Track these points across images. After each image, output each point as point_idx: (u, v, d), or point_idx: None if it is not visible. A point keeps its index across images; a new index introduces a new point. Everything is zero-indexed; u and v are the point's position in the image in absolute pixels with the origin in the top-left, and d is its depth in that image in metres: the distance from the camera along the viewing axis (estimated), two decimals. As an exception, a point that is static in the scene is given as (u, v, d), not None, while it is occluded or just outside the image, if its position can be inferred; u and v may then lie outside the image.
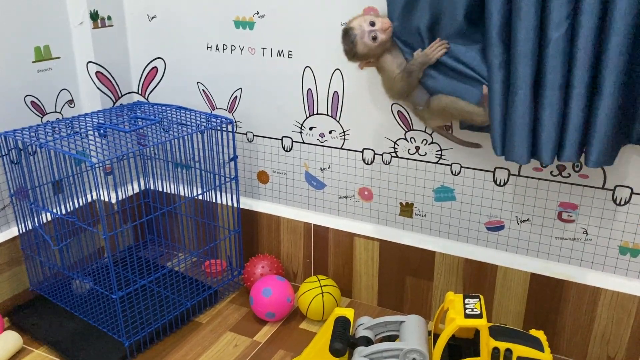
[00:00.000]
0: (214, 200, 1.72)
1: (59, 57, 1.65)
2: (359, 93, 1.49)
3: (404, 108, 1.45)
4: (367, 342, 1.23)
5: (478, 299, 1.16)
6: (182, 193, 1.82)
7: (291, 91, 1.58)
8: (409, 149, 1.49)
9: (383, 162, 1.54)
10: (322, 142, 1.60)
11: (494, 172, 1.42)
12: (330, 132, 1.58)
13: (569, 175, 1.34)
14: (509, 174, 1.40)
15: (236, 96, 1.68)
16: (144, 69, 1.79)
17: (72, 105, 1.72)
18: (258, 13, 1.55)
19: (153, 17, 1.72)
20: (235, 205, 1.70)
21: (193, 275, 1.74)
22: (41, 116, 1.64)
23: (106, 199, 1.74)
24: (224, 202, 1.71)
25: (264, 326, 1.57)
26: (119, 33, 1.75)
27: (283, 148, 1.67)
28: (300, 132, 1.62)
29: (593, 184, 1.32)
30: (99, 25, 1.68)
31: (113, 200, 1.74)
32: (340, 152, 1.59)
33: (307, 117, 1.60)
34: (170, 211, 1.86)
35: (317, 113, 1.58)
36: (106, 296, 1.54)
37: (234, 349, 1.48)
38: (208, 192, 1.69)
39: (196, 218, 1.80)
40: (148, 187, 1.84)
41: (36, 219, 1.54)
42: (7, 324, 1.56)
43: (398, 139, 1.50)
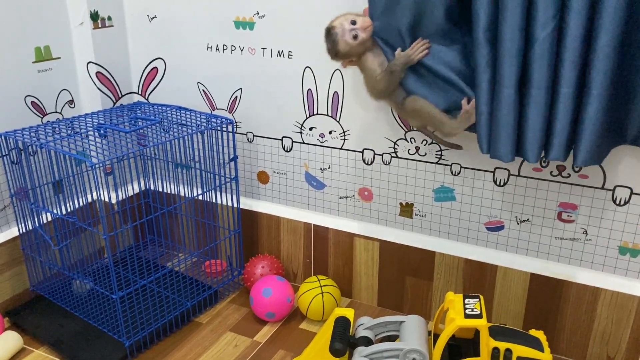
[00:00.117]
0: (214, 200, 1.72)
1: (59, 58, 1.65)
2: (359, 93, 1.49)
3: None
4: (367, 342, 1.23)
5: (478, 299, 1.16)
6: (182, 193, 1.82)
7: (291, 91, 1.58)
8: (409, 149, 1.49)
9: (383, 163, 1.54)
10: (322, 143, 1.61)
11: (494, 172, 1.42)
12: (330, 133, 1.58)
13: (569, 175, 1.34)
14: (509, 174, 1.40)
15: (236, 96, 1.68)
16: (144, 70, 1.79)
17: (73, 105, 1.72)
18: (258, 13, 1.56)
19: (153, 18, 1.72)
20: (235, 205, 1.70)
21: (193, 275, 1.75)
22: (41, 116, 1.64)
23: (106, 199, 1.74)
24: (224, 202, 1.72)
25: (264, 326, 1.57)
26: (119, 33, 1.75)
27: (283, 148, 1.67)
28: (300, 133, 1.62)
29: (593, 184, 1.32)
30: (99, 25, 1.68)
31: (113, 200, 1.74)
32: (340, 153, 1.59)
33: (307, 118, 1.60)
34: (170, 211, 1.86)
35: (317, 113, 1.58)
36: (106, 296, 1.54)
37: (234, 349, 1.48)
38: (208, 193, 1.70)
39: (196, 218, 1.80)
40: (148, 188, 1.84)
41: (36, 219, 1.54)
42: (8, 324, 1.56)
43: (398, 139, 1.50)
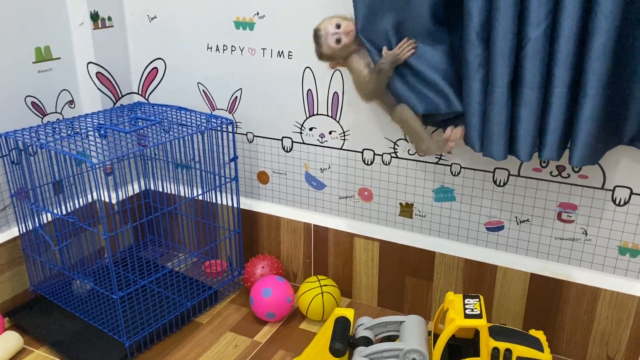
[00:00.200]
0: (214, 200, 1.72)
1: (60, 58, 1.66)
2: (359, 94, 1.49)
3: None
4: (367, 342, 1.23)
5: (478, 299, 1.16)
6: (183, 193, 1.82)
7: (291, 92, 1.58)
8: (409, 150, 1.50)
9: (383, 163, 1.55)
10: (322, 143, 1.61)
11: (494, 173, 1.42)
12: (330, 133, 1.58)
13: (569, 175, 1.34)
14: (509, 175, 1.40)
15: (236, 97, 1.68)
16: (144, 70, 1.79)
17: (73, 105, 1.72)
18: (258, 14, 1.56)
19: (153, 18, 1.72)
20: (235, 205, 1.70)
21: (193, 275, 1.75)
22: (42, 117, 1.64)
23: (106, 200, 1.74)
24: (224, 203, 1.72)
25: (264, 326, 1.58)
26: (120, 34, 1.75)
27: (283, 148, 1.67)
28: (300, 133, 1.63)
29: (592, 185, 1.33)
30: (100, 26, 1.68)
31: (113, 200, 1.75)
32: (340, 153, 1.59)
33: (307, 118, 1.60)
34: (170, 211, 1.86)
35: (317, 113, 1.58)
36: (107, 296, 1.54)
37: (234, 349, 1.49)
38: (208, 193, 1.70)
39: (196, 218, 1.80)
40: (148, 188, 1.84)
41: (37, 220, 1.54)
42: (8, 324, 1.56)
43: (398, 140, 1.50)
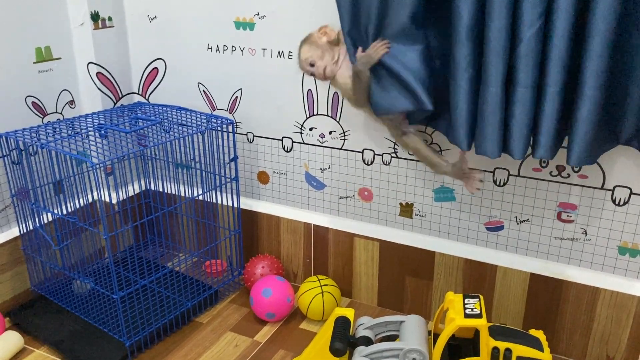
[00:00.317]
0: (215, 200, 1.72)
1: (60, 58, 1.66)
2: (359, 94, 1.49)
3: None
4: (367, 342, 1.24)
5: (478, 299, 1.16)
6: (183, 193, 1.82)
7: (291, 92, 1.58)
8: (409, 150, 1.50)
9: (383, 163, 1.55)
10: (322, 143, 1.61)
11: (494, 173, 1.42)
12: (330, 133, 1.59)
13: (568, 175, 1.34)
14: (509, 174, 1.40)
15: (236, 97, 1.68)
16: (145, 70, 1.79)
17: (73, 105, 1.73)
18: (258, 14, 1.56)
19: (154, 18, 1.72)
20: (235, 205, 1.70)
21: (193, 275, 1.75)
22: (42, 117, 1.64)
23: (107, 200, 1.74)
24: (225, 203, 1.72)
25: (264, 326, 1.58)
26: (120, 34, 1.75)
27: (283, 148, 1.67)
28: (300, 133, 1.63)
29: (592, 184, 1.33)
30: (100, 26, 1.68)
31: (114, 200, 1.75)
32: (340, 153, 1.59)
33: (307, 118, 1.60)
34: (170, 211, 1.86)
35: (317, 114, 1.58)
36: (107, 296, 1.54)
37: (235, 349, 1.49)
38: (208, 193, 1.70)
39: (197, 218, 1.80)
40: (149, 188, 1.84)
41: (37, 219, 1.54)
42: (9, 324, 1.56)
43: (398, 140, 1.50)
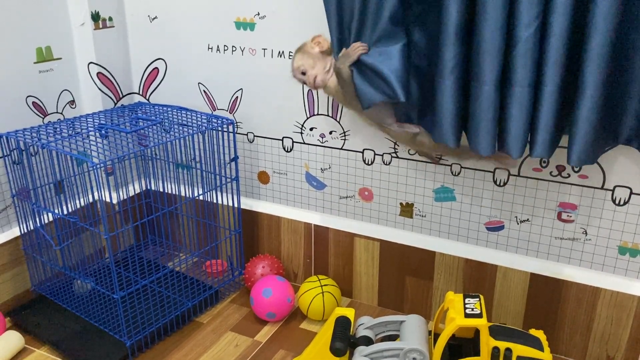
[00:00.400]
0: (215, 200, 1.72)
1: (61, 58, 1.66)
2: (359, 94, 1.49)
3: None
4: (368, 342, 1.24)
5: (478, 299, 1.17)
6: (183, 193, 1.82)
7: (292, 92, 1.59)
8: (409, 150, 1.50)
9: (383, 163, 1.55)
10: (323, 143, 1.61)
11: (494, 173, 1.42)
12: (330, 133, 1.59)
13: (569, 175, 1.34)
14: (509, 174, 1.41)
15: (237, 97, 1.69)
16: (145, 70, 1.80)
17: (74, 106, 1.73)
18: (259, 14, 1.56)
19: (154, 18, 1.72)
20: (235, 205, 1.70)
21: (194, 275, 1.75)
22: (43, 117, 1.64)
23: (107, 200, 1.75)
24: (225, 203, 1.72)
25: (265, 326, 1.58)
26: (120, 34, 1.75)
27: (283, 148, 1.67)
28: (300, 133, 1.63)
29: (592, 184, 1.33)
30: (100, 26, 1.69)
31: (114, 200, 1.75)
32: (340, 153, 1.60)
33: (308, 118, 1.60)
34: (171, 211, 1.86)
35: (318, 114, 1.58)
36: (107, 296, 1.54)
37: (235, 349, 1.49)
38: (209, 193, 1.70)
39: (197, 218, 1.80)
40: (149, 188, 1.84)
41: (38, 219, 1.54)
42: (9, 324, 1.57)
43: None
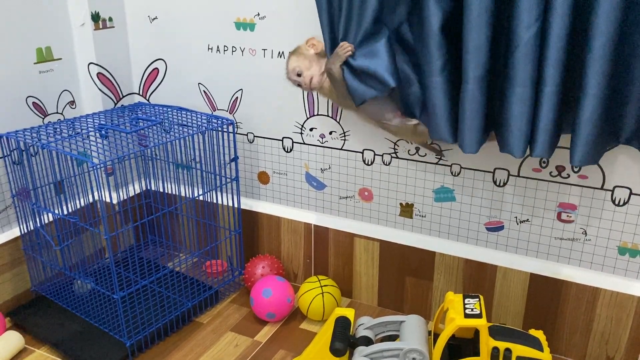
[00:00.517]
0: (215, 200, 1.72)
1: (61, 59, 1.66)
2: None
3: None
4: (368, 342, 1.24)
5: (478, 299, 1.17)
6: (183, 194, 1.83)
7: (292, 92, 1.59)
8: (409, 150, 1.50)
9: (383, 163, 1.55)
10: (323, 143, 1.61)
11: (494, 173, 1.42)
12: (330, 133, 1.59)
13: (568, 175, 1.35)
14: (509, 175, 1.41)
15: (237, 97, 1.69)
16: (145, 70, 1.80)
17: (74, 106, 1.73)
18: (259, 14, 1.56)
19: (154, 19, 1.72)
20: (235, 205, 1.70)
21: (194, 275, 1.75)
22: (43, 117, 1.64)
23: (107, 200, 1.75)
24: (225, 203, 1.72)
25: (265, 326, 1.58)
26: (120, 34, 1.76)
27: (283, 149, 1.67)
28: (300, 133, 1.63)
29: (592, 185, 1.33)
30: (100, 26, 1.69)
31: (114, 200, 1.75)
32: (340, 153, 1.60)
33: (308, 118, 1.60)
34: (171, 212, 1.86)
35: (318, 114, 1.58)
36: (107, 296, 1.54)
37: (235, 349, 1.49)
38: (209, 193, 1.70)
39: (197, 218, 1.80)
40: (149, 188, 1.84)
41: (38, 220, 1.54)
42: (9, 324, 1.57)
43: (398, 140, 1.50)
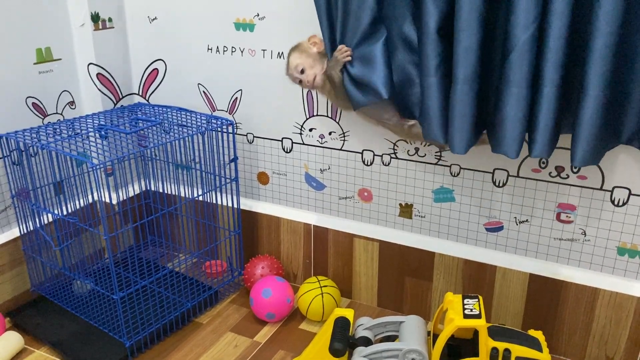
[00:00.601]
0: (215, 201, 1.72)
1: (60, 59, 1.66)
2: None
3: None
4: (367, 343, 1.24)
5: (477, 300, 1.17)
6: (183, 194, 1.83)
7: (291, 93, 1.59)
8: (408, 150, 1.50)
9: (382, 163, 1.55)
10: (322, 144, 1.61)
11: (493, 173, 1.42)
12: (330, 134, 1.59)
13: (568, 176, 1.35)
14: (508, 175, 1.41)
15: (236, 98, 1.69)
16: (145, 71, 1.80)
17: (73, 106, 1.73)
18: (258, 15, 1.56)
19: (154, 19, 1.73)
20: (235, 206, 1.71)
21: (193, 276, 1.75)
22: (42, 117, 1.64)
23: (107, 200, 1.75)
24: (225, 203, 1.72)
25: (264, 327, 1.58)
26: (120, 35, 1.76)
27: (283, 149, 1.67)
28: (300, 134, 1.63)
29: (591, 185, 1.33)
30: (100, 27, 1.69)
31: (114, 201, 1.75)
32: (340, 153, 1.60)
33: (307, 119, 1.60)
34: (170, 212, 1.86)
35: (317, 114, 1.58)
36: (107, 297, 1.54)
37: (234, 350, 1.49)
38: (208, 193, 1.70)
39: (196, 219, 1.81)
40: (149, 188, 1.85)
41: (37, 220, 1.54)
42: (9, 325, 1.57)
43: (397, 140, 1.50)
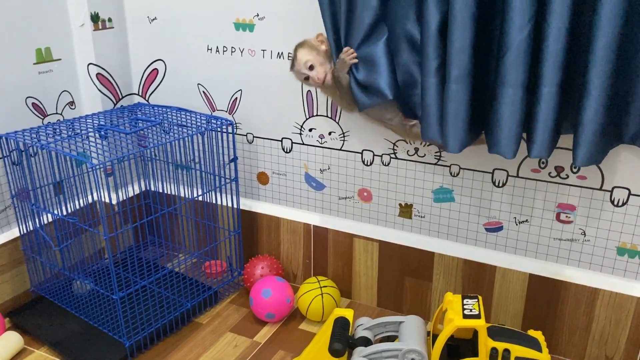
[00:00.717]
0: (214, 201, 1.72)
1: (60, 59, 1.66)
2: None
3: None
4: (367, 343, 1.24)
5: (476, 300, 1.17)
6: (183, 194, 1.83)
7: (291, 93, 1.59)
8: (408, 150, 1.50)
9: (382, 164, 1.55)
10: (322, 144, 1.61)
11: (493, 173, 1.42)
12: (329, 134, 1.59)
13: (567, 176, 1.35)
14: (508, 175, 1.41)
15: (236, 98, 1.69)
16: (145, 71, 1.80)
17: (73, 106, 1.73)
18: (258, 15, 1.56)
19: (153, 19, 1.73)
20: (235, 206, 1.71)
21: (193, 276, 1.75)
22: (42, 118, 1.64)
23: (107, 200, 1.75)
24: (224, 203, 1.72)
25: (264, 327, 1.58)
26: (120, 35, 1.76)
27: (283, 149, 1.67)
28: (300, 134, 1.63)
29: (591, 185, 1.33)
30: (100, 27, 1.69)
31: (114, 201, 1.75)
32: (339, 154, 1.60)
33: (307, 119, 1.60)
34: (170, 212, 1.86)
35: (317, 115, 1.58)
36: (107, 297, 1.54)
37: (234, 350, 1.49)
38: (208, 193, 1.70)
39: (196, 219, 1.81)
40: (148, 188, 1.85)
41: (37, 220, 1.54)
42: (8, 325, 1.57)
43: (397, 141, 1.50)
